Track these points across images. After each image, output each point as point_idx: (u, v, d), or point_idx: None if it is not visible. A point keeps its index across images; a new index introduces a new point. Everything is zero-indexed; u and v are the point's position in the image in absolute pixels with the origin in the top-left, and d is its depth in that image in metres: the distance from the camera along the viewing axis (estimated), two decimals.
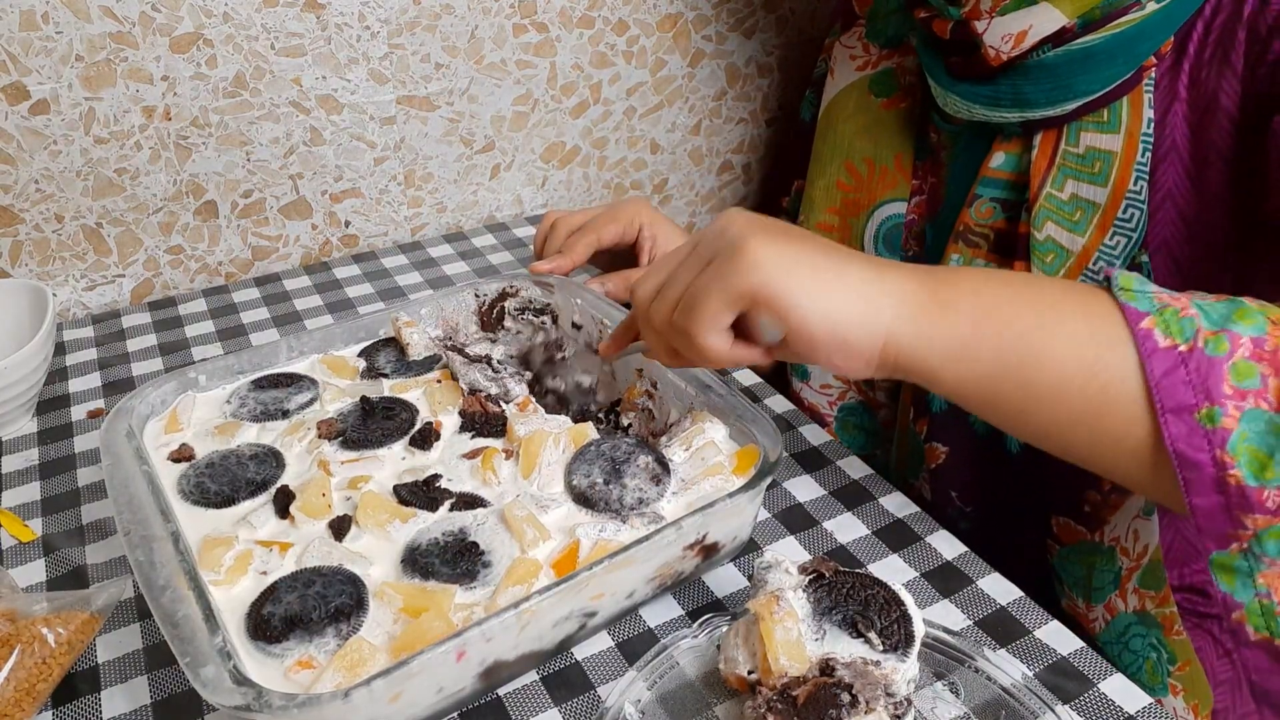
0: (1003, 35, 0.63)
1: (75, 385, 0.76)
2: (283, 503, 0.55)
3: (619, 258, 0.81)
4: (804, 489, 0.64)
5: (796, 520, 0.62)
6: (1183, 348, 0.45)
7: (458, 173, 1.00)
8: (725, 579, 0.57)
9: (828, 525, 0.61)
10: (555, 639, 0.51)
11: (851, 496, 0.64)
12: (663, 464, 0.57)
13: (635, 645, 0.53)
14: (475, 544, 0.52)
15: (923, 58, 0.72)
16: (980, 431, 0.72)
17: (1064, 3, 0.60)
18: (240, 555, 0.51)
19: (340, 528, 0.53)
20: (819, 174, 0.83)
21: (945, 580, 0.57)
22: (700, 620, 0.50)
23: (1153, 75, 0.62)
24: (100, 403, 0.74)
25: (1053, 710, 0.46)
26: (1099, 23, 0.60)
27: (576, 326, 0.71)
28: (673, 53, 1.06)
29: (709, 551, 0.55)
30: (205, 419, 0.62)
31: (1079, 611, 0.69)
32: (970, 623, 0.54)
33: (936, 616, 0.53)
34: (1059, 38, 0.62)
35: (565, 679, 0.51)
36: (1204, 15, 0.61)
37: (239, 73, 0.85)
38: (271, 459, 0.58)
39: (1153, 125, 0.62)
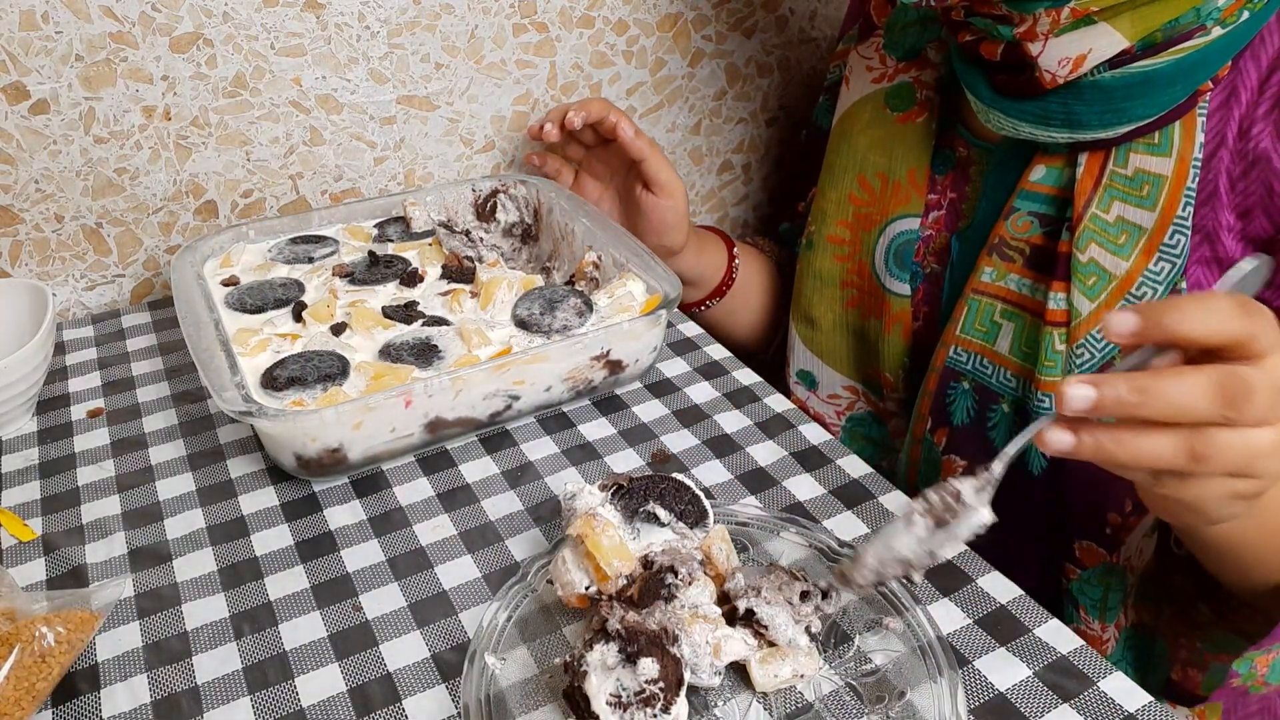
0: (1060, 59, 0.60)
1: (75, 385, 0.76)
2: (298, 311, 0.72)
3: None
4: (804, 488, 0.64)
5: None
6: None
7: (458, 173, 1.00)
8: None
9: (828, 524, 0.61)
10: (486, 411, 0.66)
11: (852, 495, 0.64)
12: (588, 304, 0.72)
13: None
14: (436, 345, 0.69)
15: (962, 75, 0.69)
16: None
17: (1124, 24, 0.58)
18: (262, 340, 0.69)
19: (338, 330, 0.70)
20: (831, 185, 0.81)
21: (945, 579, 0.57)
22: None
23: (1207, 99, 0.60)
24: (100, 402, 0.74)
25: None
26: (1160, 46, 0.58)
27: (549, 211, 0.87)
28: (673, 53, 1.06)
29: (614, 367, 0.70)
30: (250, 262, 0.80)
31: (1092, 634, 0.68)
32: (970, 621, 0.54)
33: (937, 615, 0.53)
34: (1117, 60, 0.59)
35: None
36: (1260, 65, 0.59)
37: (239, 73, 0.85)
38: (295, 287, 0.76)
39: (1203, 150, 0.60)
